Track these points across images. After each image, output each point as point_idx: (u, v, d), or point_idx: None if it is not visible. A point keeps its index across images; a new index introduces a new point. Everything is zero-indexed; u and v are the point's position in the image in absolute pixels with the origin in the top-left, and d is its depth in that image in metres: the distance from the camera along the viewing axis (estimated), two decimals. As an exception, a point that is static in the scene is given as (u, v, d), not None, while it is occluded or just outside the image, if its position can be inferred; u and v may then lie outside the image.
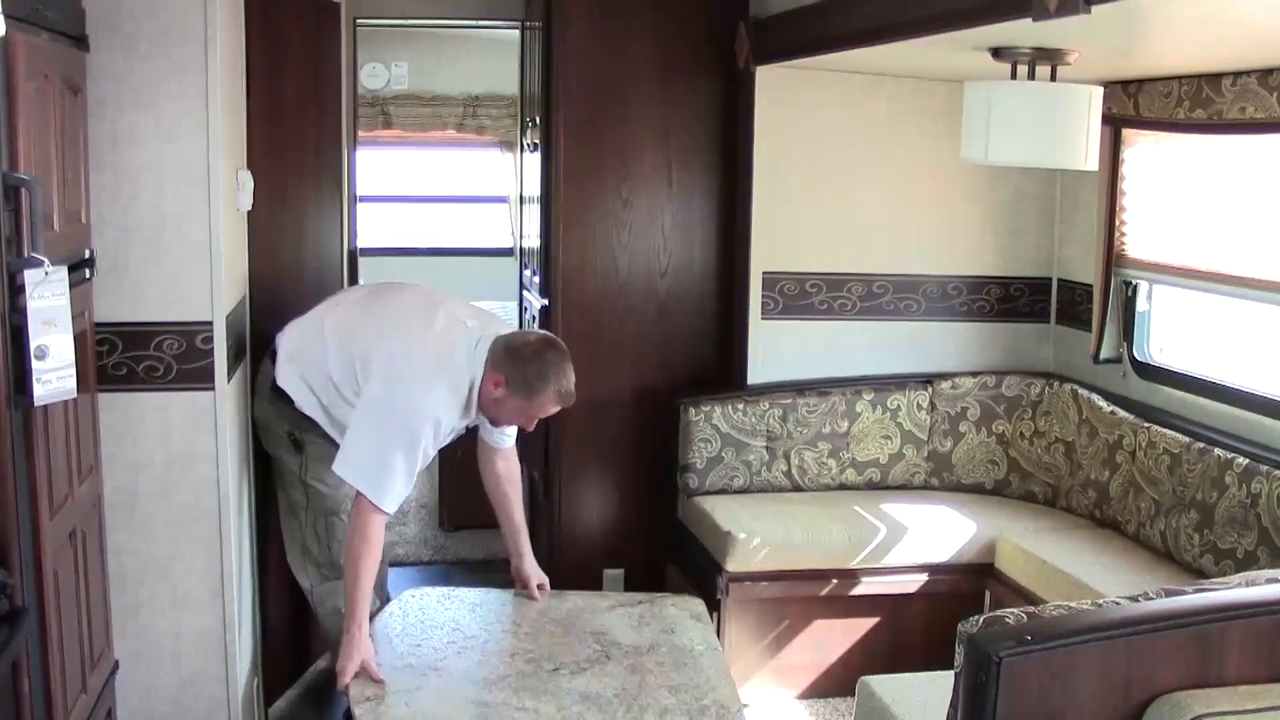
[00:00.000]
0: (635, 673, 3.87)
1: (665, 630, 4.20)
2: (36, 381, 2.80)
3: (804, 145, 5.41)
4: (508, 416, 4.17)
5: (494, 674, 3.88)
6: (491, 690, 3.75)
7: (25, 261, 2.79)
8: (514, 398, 4.05)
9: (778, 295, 5.46)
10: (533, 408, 4.09)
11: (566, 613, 4.38)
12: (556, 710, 3.60)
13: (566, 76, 5.37)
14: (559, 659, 3.96)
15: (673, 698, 3.70)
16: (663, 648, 4.07)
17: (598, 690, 3.72)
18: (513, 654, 4.07)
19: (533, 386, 4.04)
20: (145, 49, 3.68)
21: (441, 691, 3.76)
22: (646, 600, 4.48)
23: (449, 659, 3.97)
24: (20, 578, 2.83)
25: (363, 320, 4.28)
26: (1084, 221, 5.35)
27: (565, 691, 3.72)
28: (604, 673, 3.85)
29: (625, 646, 4.06)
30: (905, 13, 3.81)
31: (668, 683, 3.80)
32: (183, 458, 3.88)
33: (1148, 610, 2.95)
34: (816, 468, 5.38)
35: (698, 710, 3.64)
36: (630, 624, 4.24)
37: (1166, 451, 4.62)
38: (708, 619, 4.39)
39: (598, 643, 4.07)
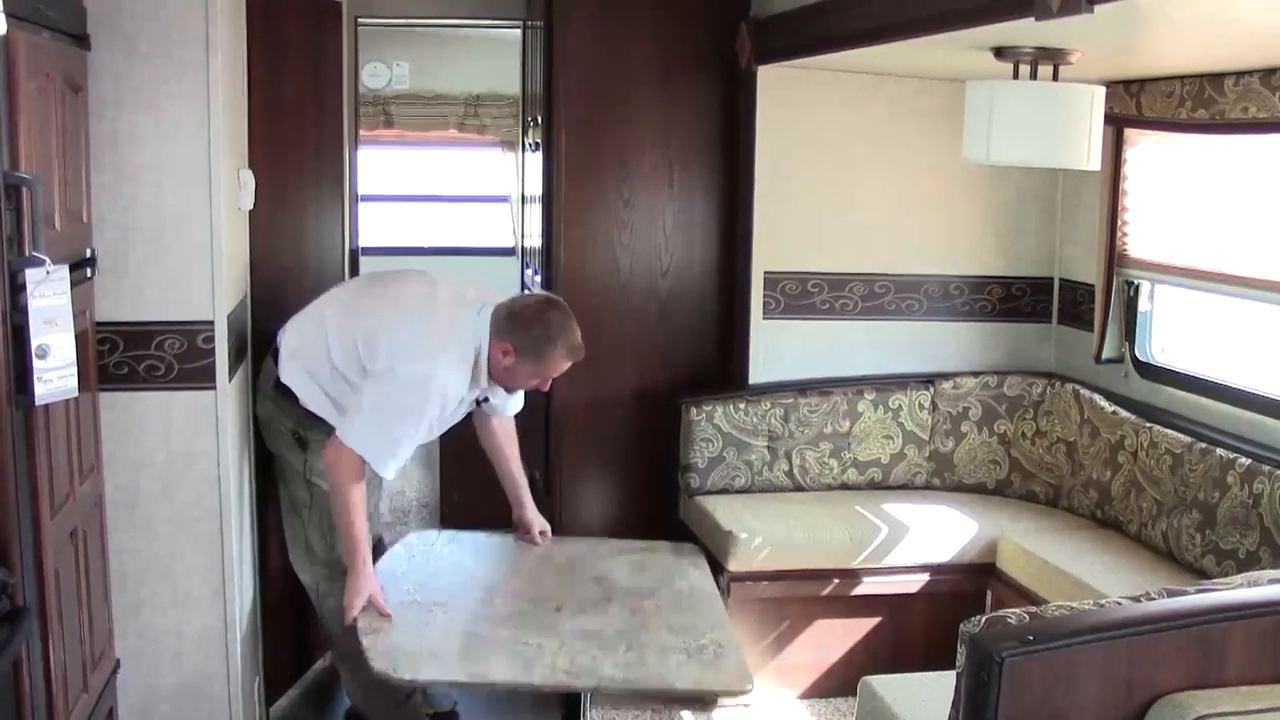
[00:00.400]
0: (635, 614, 3.96)
1: (664, 575, 4.32)
2: (38, 380, 2.81)
3: (805, 145, 5.40)
4: (522, 381, 4.23)
5: (498, 612, 3.96)
6: (496, 627, 3.82)
7: (26, 260, 2.79)
8: (525, 363, 4.12)
9: (779, 295, 5.46)
10: (545, 369, 4.16)
11: (568, 557, 4.50)
12: (559, 645, 3.68)
13: (568, 76, 5.37)
14: (561, 600, 4.05)
15: (673, 637, 3.79)
16: (662, 591, 4.18)
17: (599, 629, 3.81)
18: (516, 594, 4.16)
19: (541, 349, 4.10)
20: (146, 48, 3.69)
21: (447, 626, 3.84)
22: (646, 548, 4.60)
23: (454, 597, 4.07)
24: (21, 577, 2.83)
25: (363, 304, 4.31)
26: (1086, 221, 5.35)
27: (568, 629, 3.80)
28: (605, 613, 3.95)
29: (625, 589, 4.16)
30: (907, 12, 3.81)
31: (667, 623, 3.90)
32: (184, 457, 3.88)
33: (1150, 611, 2.95)
34: (818, 467, 5.38)
35: (696, 649, 3.72)
36: (630, 569, 4.35)
37: (1168, 452, 4.61)
38: (705, 566, 4.51)
39: (598, 585, 4.17)
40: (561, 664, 3.57)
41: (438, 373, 4.05)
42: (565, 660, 3.59)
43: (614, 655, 3.63)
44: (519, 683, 3.59)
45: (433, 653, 3.65)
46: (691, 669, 3.61)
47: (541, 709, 4.86)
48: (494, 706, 4.93)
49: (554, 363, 4.16)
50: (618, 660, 3.61)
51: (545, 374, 4.20)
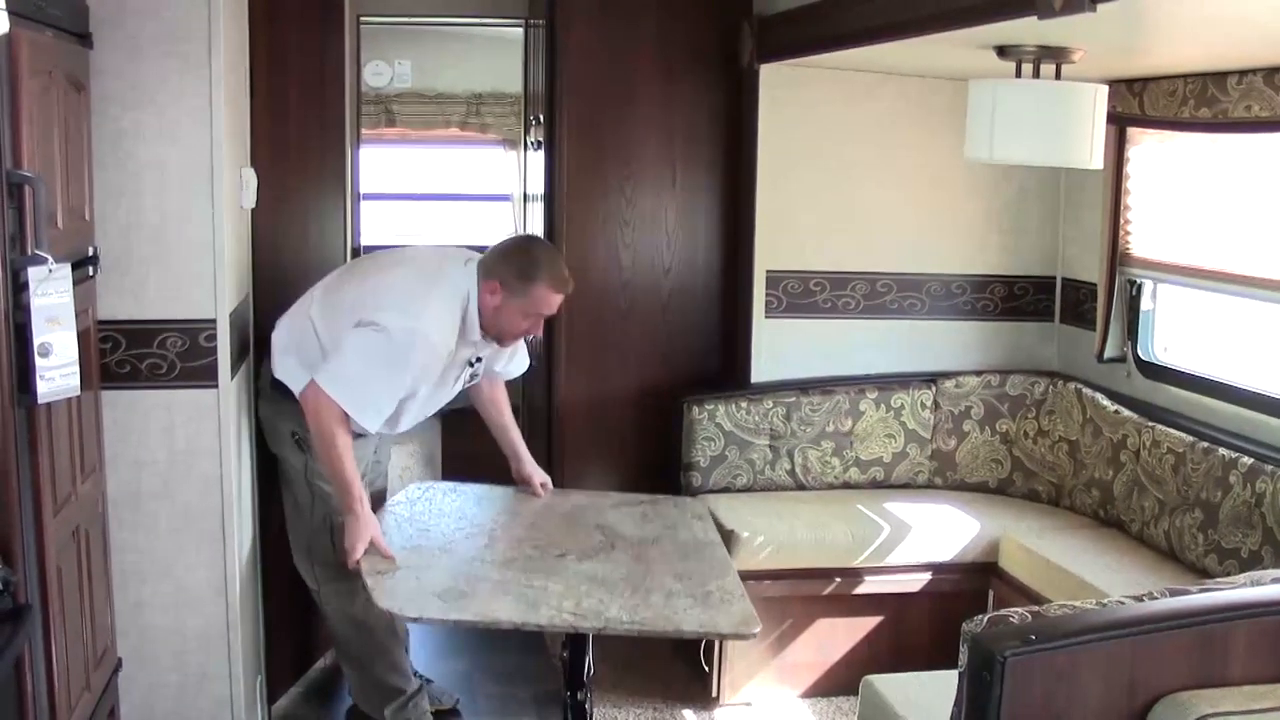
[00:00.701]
0: (640, 561, 3.96)
1: (668, 526, 4.32)
2: (40, 379, 2.80)
3: (808, 143, 5.40)
4: (512, 322, 4.14)
5: (502, 556, 3.97)
6: (500, 570, 3.83)
7: (29, 259, 2.79)
8: (512, 298, 4.08)
9: (781, 294, 5.46)
10: (533, 303, 4.10)
11: (571, 508, 4.51)
12: (565, 588, 3.67)
13: (570, 74, 5.37)
14: (565, 546, 4.05)
15: (678, 583, 3.78)
16: (666, 540, 4.18)
17: (604, 574, 3.80)
18: (520, 540, 4.17)
19: (527, 280, 4.07)
20: (149, 47, 3.68)
21: (451, 569, 3.84)
22: (649, 500, 4.61)
23: (457, 543, 4.08)
24: (24, 575, 2.83)
25: (345, 282, 4.33)
26: (1088, 220, 5.34)
27: (572, 573, 3.80)
28: (609, 559, 3.95)
29: (629, 538, 4.16)
30: (910, 11, 3.80)
31: (671, 570, 3.90)
32: (186, 455, 3.88)
33: (1152, 610, 2.95)
34: (820, 466, 5.38)
35: (702, 595, 3.71)
36: (633, 519, 4.34)
37: (1171, 451, 4.61)
38: (709, 518, 4.52)
39: (602, 534, 4.17)
40: (568, 606, 3.56)
41: (422, 323, 3.99)
42: (571, 603, 3.57)
43: (620, 599, 3.62)
44: (525, 622, 3.56)
45: (437, 593, 3.63)
46: (698, 613, 3.60)
47: (543, 706, 4.87)
48: (494, 705, 4.93)
49: (541, 294, 4.08)
50: (624, 604, 3.60)
51: (534, 309, 4.11)
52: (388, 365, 3.99)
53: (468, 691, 4.99)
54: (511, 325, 4.17)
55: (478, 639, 5.51)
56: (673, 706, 4.91)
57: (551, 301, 4.14)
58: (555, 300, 4.15)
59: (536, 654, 5.29)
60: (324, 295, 4.28)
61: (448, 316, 4.08)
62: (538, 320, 4.20)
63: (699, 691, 4.95)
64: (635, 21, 5.38)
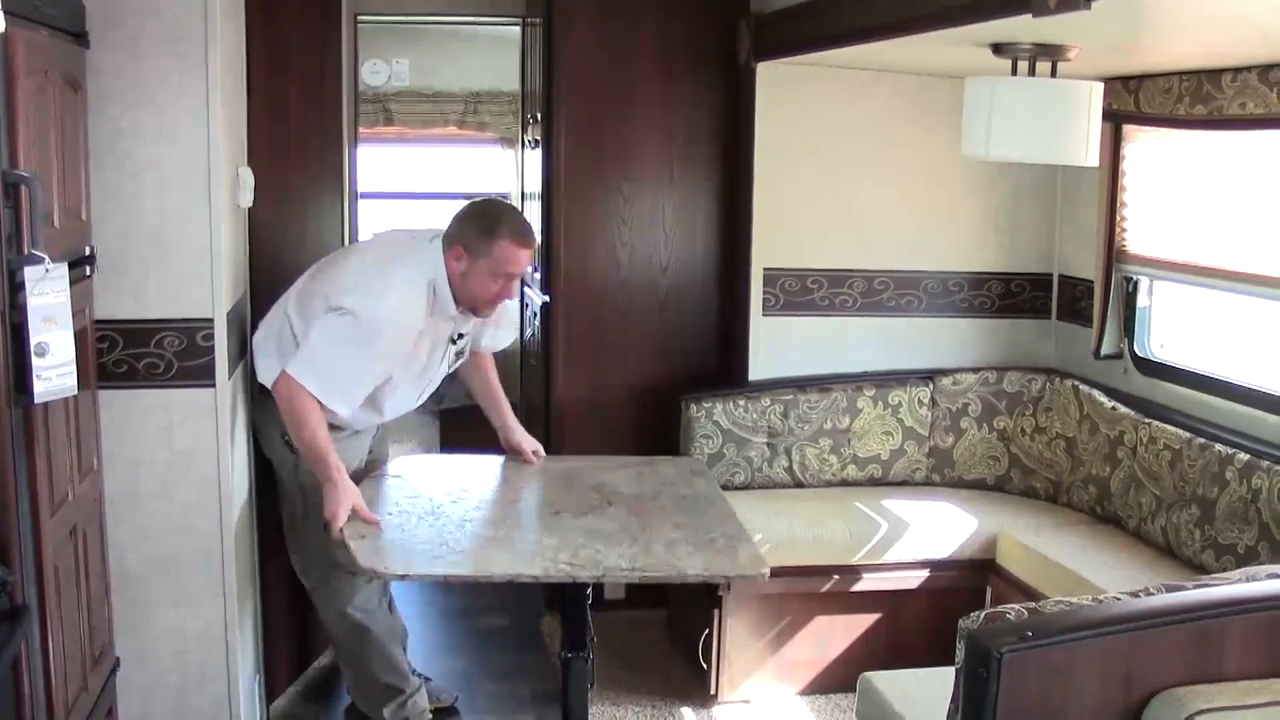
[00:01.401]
0: (638, 515, 3.89)
1: (666, 484, 4.26)
2: (37, 379, 2.81)
3: (805, 141, 5.41)
4: (481, 285, 4.09)
5: (494, 516, 3.93)
6: (492, 528, 3.78)
7: (25, 259, 2.79)
8: (477, 258, 4.05)
9: (779, 291, 5.46)
10: (498, 262, 4.05)
11: (565, 470, 4.47)
12: (560, 542, 3.59)
13: (568, 73, 5.38)
14: (559, 506, 4.00)
15: (678, 533, 3.72)
16: (664, 495, 4.12)
17: (601, 528, 3.73)
18: (512, 502, 4.14)
19: (489, 237, 4.04)
20: (146, 46, 3.68)
21: (440, 528, 3.74)
22: (645, 461, 4.58)
23: (446, 507, 3.96)
24: (21, 575, 2.84)
25: (316, 275, 4.32)
26: (1085, 217, 5.35)
27: (569, 529, 3.73)
28: (606, 515, 3.87)
29: (626, 495, 4.09)
30: (906, 9, 3.81)
31: (672, 521, 3.84)
32: (184, 455, 3.88)
33: (1148, 606, 2.95)
34: (818, 464, 5.39)
35: (705, 541, 3.65)
36: (631, 479, 4.29)
37: (1167, 447, 4.62)
38: (709, 473, 4.50)
39: (598, 493, 4.09)
40: (564, 558, 3.46)
41: (387, 302, 3.98)
42: (567, 554, 3.48)
43: (618, 549, 3.54)
44: (519, 574, 3.46)
45: (425, 551, 3.53)
46: (702, 558, 3.52)
47: (542, 704, 4.88)
48: (493, 704, 4.94)
49: (504, 250, 4.04)
50: (622, 553, 3.52)
51: (501, 269, 4.05)
52: (355, 347, 3.98)
53: (467, 689, 4.99)
54: (482, 289, 4.11)
55: (477, 637, 5.53)
56: (671, 704, 4.92)
57: (516, 257, 4.07)
58: (519, 255, 4.08)
59: (535, 652, 5.30)
60: (298, 291, 4.28)
61: (413, 293, 4.05)
62: (507, 282, 4.12)
63: (697, 688, 4.96)
64: (633, 20, 5.39)
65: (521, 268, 4.14)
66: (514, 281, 4.17)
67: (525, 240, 4.10)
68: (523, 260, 4.12)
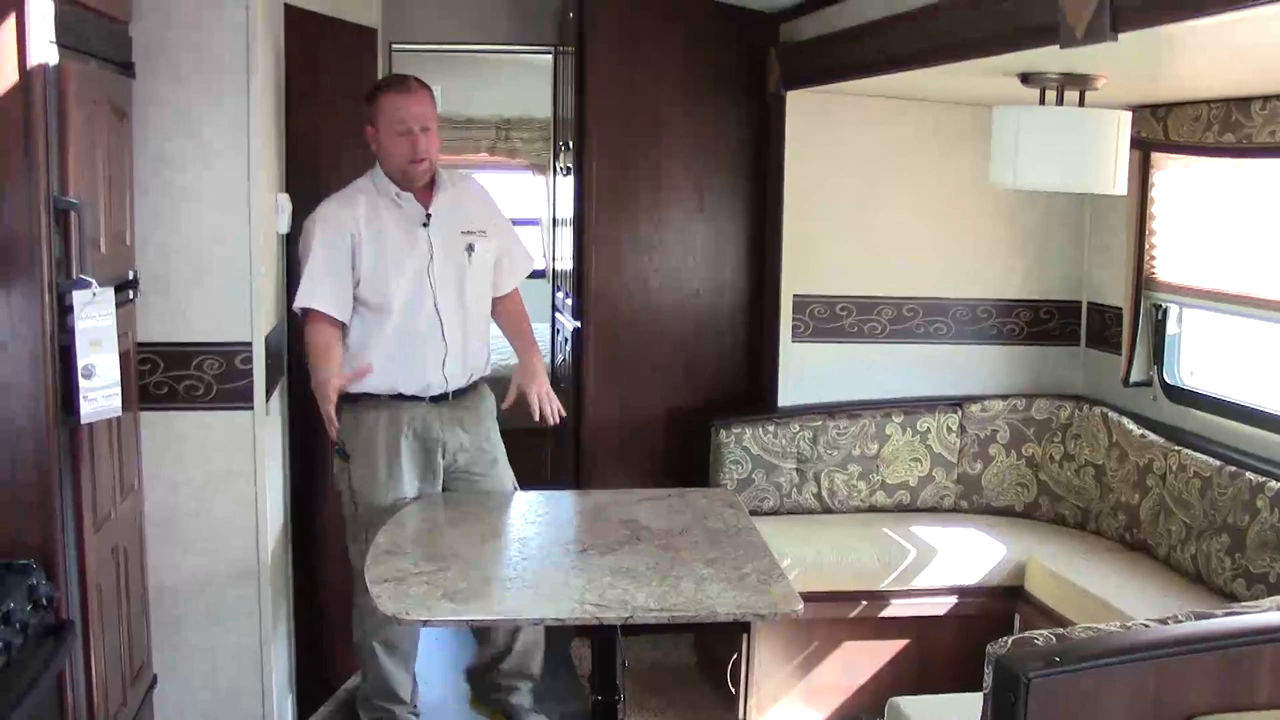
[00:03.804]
0: (668, 550, 3.80)
1: (698, 517, 4.19)
2: (83, 400, 2.87)
3: (834, 169, 5.44)
4: (393, 145, 4.26)
5: (519, 555, 3.83)
6: (517, 568, 3.69)
7: (74, 283, 2.87)
8: (376, 126, 4.27)
9: (808, 318, 5.49)
10: (388, 117, 4.25)
11: (594, 505, 4.43)
12: (587, 582, 3.51)
13: (599, 101, 5.43)
14: (587, 542, 3.94)
15: (710, 569, 3.63)
16: (695, 530, 4.03)
17: (629, 565, 3.64)
18: (538, 540, 4.06)
19: (374, 100, 4.28)
20: (189, 76, 3.77)
21: (464, 572, 3.63)
22: (676, 493, 4.50)
23: (470, 548, 3.89)
24: (65, 591, 2.90)
25: None
26: (1114, 244, 5.36)
27: (595, 567, 3.64)
28: (635, 551, 3.78)
29: (656, 530, 4.00)
30: (935, 39, 3.85)
31: (703, 557, 3.74)
32: (221, 476, 3.94)
33: (1177, 633, 2.96)
34: (846, 490, 5.41)
35: (737, 578, 3.57)
36: (660, 512, 4.21)
37: (1197, 475, 4.62)
38: (741, 506, 4.39)
39: (627, 528, 4.01)
40: (590, 598, 3.39)
41: (318, 209, 4.26)
42: (594, 595, 3.40)
43: (647, 588, 3.45)
44: (544, 618, 3.45)
45: (448, 595, 3.42)
46: (734, 595, 3.44)
47: None
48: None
49: (388, 102, 4.25)
50: (651, 592, 3.43)
51: (395, 123, 4.23)
52: (307, 249, 4.19)
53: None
54: (395, 151, 4.25)
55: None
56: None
57: (400, 104, 4.24)
58: (404, 103, 4.24)
59: (564, 673, 5.32)
60: None
61: (341, 193, 4.31)
62: (410, 137, 4.23)
63: (725, 714, 4.96)
64: (664, 49, 5.44)
65: (414, 115, 4.25)
66: (418, 135, 4.25)
67: (404, 87, 4.29)
68: (409, 106, 4.25)
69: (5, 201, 2.74)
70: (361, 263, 4.22)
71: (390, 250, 4.25)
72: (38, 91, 2.74)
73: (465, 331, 4.37)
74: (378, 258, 4.23)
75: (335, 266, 4.18)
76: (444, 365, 4.32)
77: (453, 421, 4.39)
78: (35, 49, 2.72)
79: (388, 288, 4.23)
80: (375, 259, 4.23)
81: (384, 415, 4.30)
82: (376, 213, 4.26)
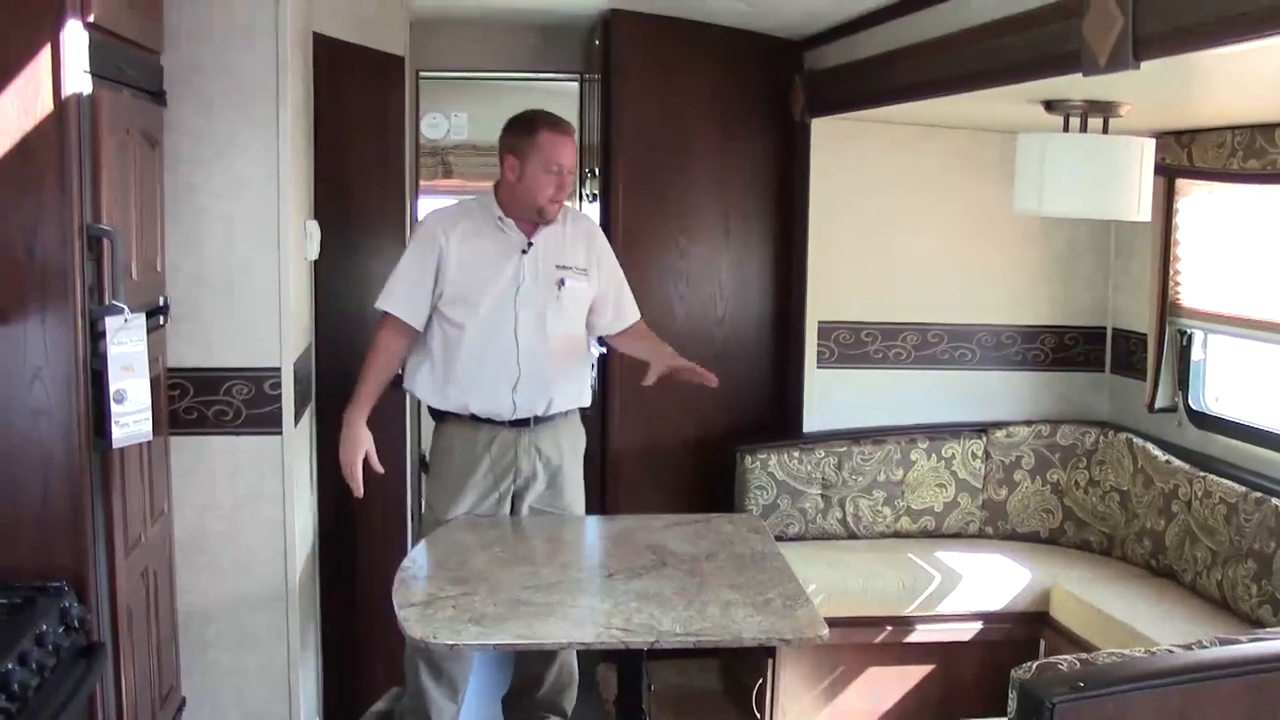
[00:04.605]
0: (694, 575, 3.81)
1: (723, 542, 4.20)
2: (115, 424, 2.91)
3: (859, 195, 5.47)
4: (537, 183, 4.30)
5: (545, 581, 3.80)
6: (543, 593, 3.66)
7: (106, 309, 2.90)
8: (525, 159, 4.31)
9: (833, 344, 5.51)
10: (542, 154, 4.30)
11: (619, 530, 4.45)
12: (613, 607, 3.53)
13: (625, 128, 5.46)
14: (613, 567, 3.96)
15: (736, 594, 3.64)
16: (721, 555, 4.05)
17: (655, 590, 3.65)
18: (564, 565, 4.07)
19: (530, 133, 4.31)
20: (219, 104, 3.81)
21: (492, 595, 3.63)
22: (701, 519, 4.51)
23: (497, 571, 3.88)
24: (97, 613, 2.93)
25: None
26: (1138, 270, 5.37)
27: (621, 592, 3.65)
28: (661, 576, 3.79)
29: (682, 555, 4.02)
30: (959, 67, 3.87)
31: (729, 582, 3.75)
32: (250, 500, 3.97)
33: (1202, 659, 2.97)
34: (871, 515, 5.41)
35: (762, 603, 3.58)
36: (686, 538, 4.22)
37: (1223, 501, 4.61)
38: (766, 531, 4.41)
39: (653, 553, 4.02)
40: (616, 623, 3.41)
41: (423, 219, 4.51)
42: (620, 620, 3.42)
43: (672, 612, 3.47)
44: (571, 642, 3.47)
45: (475, 619, 3.44)
46: (759, 620, 3.45)
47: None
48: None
49: (545, 140, 4.29)
50: (677, 616, 3.45)
51: (548, 160, 4.28)
52: (402, 257, 4.45)
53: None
54: (539, 187, 4.31)
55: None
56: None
57: (557, 144, 4.31)
58: (560, 144, 4.32)
59: (589, 698, 5.32)
60: None
61: (447, 208, 4.54)
62: (561, 178, 4.31)
63: (751, 738, 4.98)
64: (689, 76, 5.48)
65: (567, 156, 4.34)
66: (566, 176, 4.34)
67: (563, 128, 4.36)
68: (566, 148, 4.33)
69: (40, 229, 2.78)
70: (445, 277, 4.34)
71: (479, 271, 4.35)
72: (72, 120, 2.78)
73: (545, 361, 4.41)
74: (465, 276, 4.34)
75: (418, 276, 4.33)
76: (515, 390, 4.38)
77: (530, 448, 4.46)
78: (70, 79, 2.77)
79: (469, 307, 4.34)
80: (461, 276, 4.34)
81: (464, 434, 4.42)
82: (476, 233, 4.38)
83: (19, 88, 2.75)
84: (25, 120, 2.76)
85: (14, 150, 2.76)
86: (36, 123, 2.76)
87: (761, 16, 5.23)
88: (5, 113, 2.75)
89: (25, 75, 2.75)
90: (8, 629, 2.58)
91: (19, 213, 2.78)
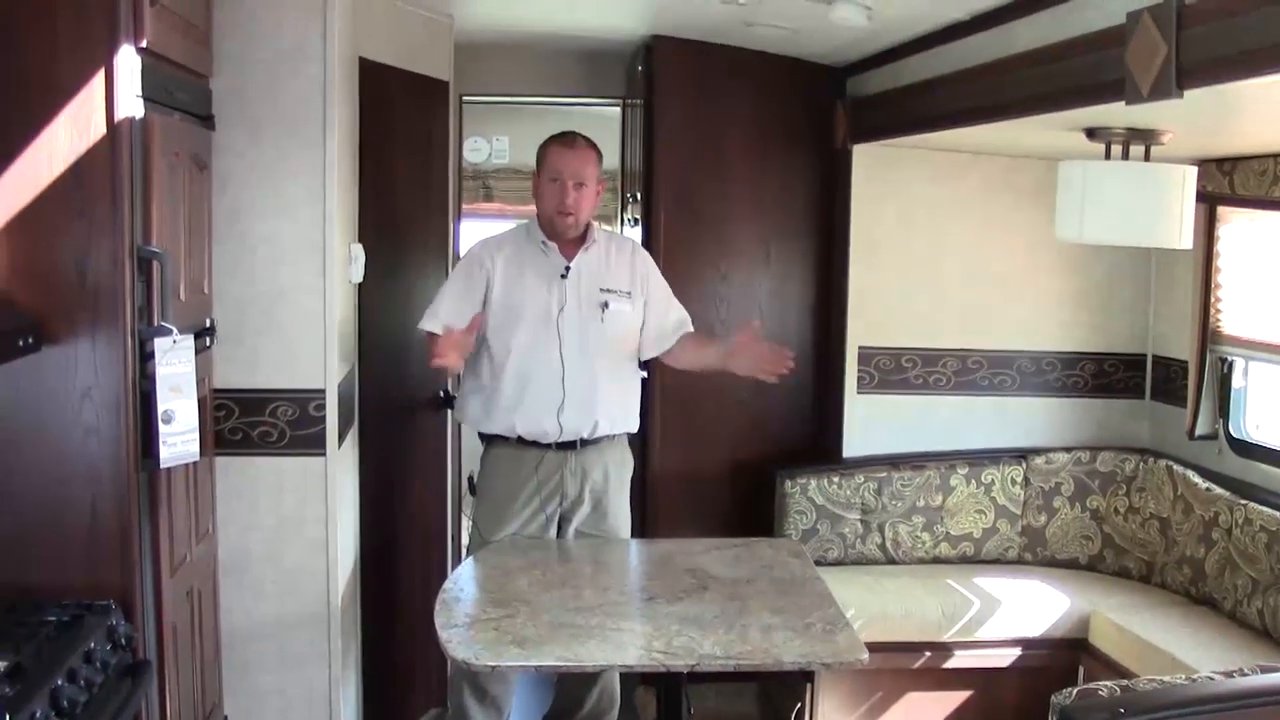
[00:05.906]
0: (735, 599, 3.83)
1: (764, 566, 4.21)
2: (163, 445, 2.95)
3: (900, 222, 5.49)
4: (545, 197, 4.44)
5: (586, 604, 3.82)
6: (584, 616, 3.68)
7: (155, 330, 2.95)
8: (537, 172, 4.50)
9: (873, 370, 5.52)
10: (546, 163, 4.45)
11: (660, 554, 4.46)
12: (654, 630, 3.55)
13: (667, 153, 5.49)
14: (654, 590, 3.97)
15: (776, 618, 3.65)
16: (761, 579, 4.06)
17: (696, 614, 3.66)
18: (605, 588, 4.09)
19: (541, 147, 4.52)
20: (267, 128, 3.86)
21: (533, 618, 3.66)
22: (742, 543, 4.52)
23: (538, 595, 3.89)
24: (143, 632, 2.96)
25: None
26: (1179, 298, 5.36)
27: (663, 615, 3.67)
28: (702, 600, 3.80)
29: (722, 579, 4.03)
30: (1002, 94, 3.88)
31: (769, 606, 3.76)
32: (294, 521, 4.00)
33: (1243, 686, 2.96)
34: (910, 541, 5.41)
35: (802, 627, 3.59)
36: (726, 562, 4.24)
37: (1264, 529, 4.59)
38: (806, 556, 4.42)
39: (693, 577, 4.04)
40: (657, 646, 3.43)
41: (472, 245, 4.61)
42: (661, 643, 3.44)
43: (713, 636, 3.49)
44: (612, 664, 3.48)
45: (516, 641, 3.47)
46: (799, 644, 3.46)
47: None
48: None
49: (548, 154, 4.45)
50: (717, 640, 3.46)
51: (549, 168, 4.42)
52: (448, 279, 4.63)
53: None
54: (547, 200, 4.43)
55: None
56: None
57: (558, 154, 4.44)
58: (561, 154, 4.43)
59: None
60: None
61: (495, 234, 4.61)
62: (560, 187, 4.39)
63: (788, 763, 4.97)
64: (731, 103, 5.51)
65: (567, 165, 4.42)
66: (568, 187, 4.40)
67: (568, 140, 4.47)
68: (565, 157, 4.43)
69: (92, 250, 2.83)
70: (491, 299, 4.41)
71: (522, 295, 4.41)
72: (124, 144, 2.83)
73: (591, 384, 4.44)
74: (508, 298, 4.41)
75: (462, 298, 4.41)
76: (560, 413, 4.41)
77: (576, 470, 4.49)
78: (123, 103, 2.82)
79: (513, 330, 4.39)
80: (505, 299, 4.41)
81: (510, 457, 4.46)
82: (520, 257, 4.46)
83: (73, 112, 2.80)
84: (79, 143, 2.81)
85: (67, 173, 2.81)
86: (90, 146, 2.81)
87: (803, 43, 5.25)
88: (59, 136, 2.80)
89: (79, 99, 2.80)
90: (58, 646, 2.62)
91: (71, 234, 2.83)
